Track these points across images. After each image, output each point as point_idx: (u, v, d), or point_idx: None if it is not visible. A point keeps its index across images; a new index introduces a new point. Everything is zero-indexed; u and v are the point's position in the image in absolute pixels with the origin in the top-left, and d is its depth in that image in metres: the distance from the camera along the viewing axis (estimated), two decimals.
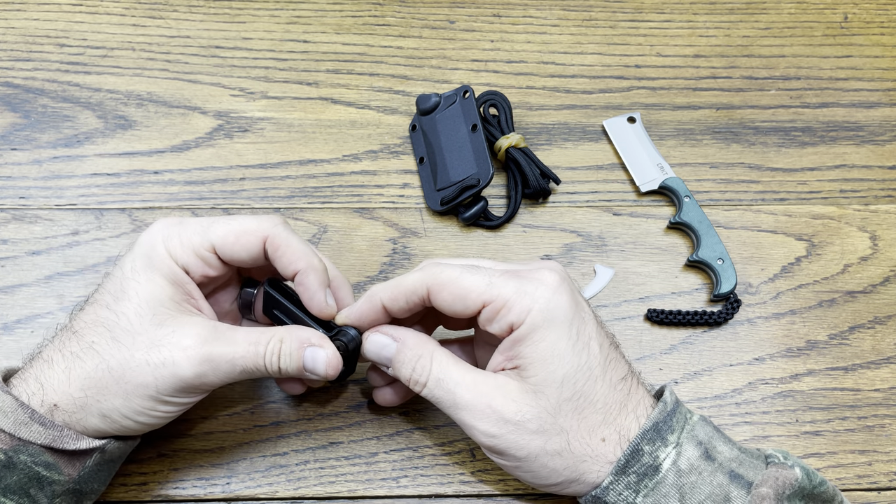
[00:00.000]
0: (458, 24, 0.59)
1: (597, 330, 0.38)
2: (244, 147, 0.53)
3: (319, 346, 0.38)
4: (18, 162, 0.52)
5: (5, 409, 0.35)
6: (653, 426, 0.37)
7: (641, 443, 0.36)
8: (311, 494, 0.43)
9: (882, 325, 0.49)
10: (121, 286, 0.38)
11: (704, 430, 0.38)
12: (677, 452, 0.36)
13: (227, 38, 0.57)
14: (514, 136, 0.51)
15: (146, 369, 0.36)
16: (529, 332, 0.37)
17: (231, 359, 0.37)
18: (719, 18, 0.60)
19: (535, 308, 0.37)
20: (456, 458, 0.44)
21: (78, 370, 0.36)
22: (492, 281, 0.37)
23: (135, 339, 0.36)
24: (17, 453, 0.35)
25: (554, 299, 0.37)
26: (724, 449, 0.37)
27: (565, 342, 0.37)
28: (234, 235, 0.38)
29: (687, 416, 0.38)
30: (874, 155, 0.55)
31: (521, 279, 0.38)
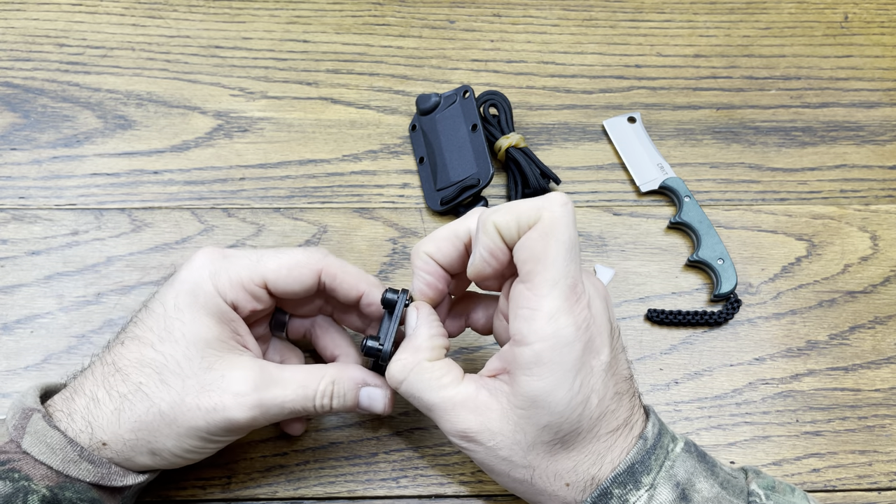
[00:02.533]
0: (458, 23, 0.59)
1: (602, 382, 0.35)
2: (244, 147, 0.53)
3: (376, 386, 0.39)
4: (18, 162, 0.52)
5: (54, 446, 0.35)
6: (627, 469, 0.35)
7: (612, 486, 0.35)
8: (311, 494, 0.43)
9: (882, 325, 0.49)
10: (165, 325, 0.37)
11: (685, 465, 0.35)
12: (649, 496, 0.34)
13: (226, 38, 0.57)
14: (514, 136, 0.51)
15: (198, 413, 0.36)
16: (531, 364, 0.34)
17: (282, 403, 0.37)
18: (719, 18, 0.60)
19: (550, 343, 0.33)
20: (456, 458, 0.44)
21: (128, 412, 0.36)
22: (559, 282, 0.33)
23: (184, 382, 0.36)
24: (63, 490, 0.35)
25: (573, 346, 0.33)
26: (703, 486, 0.35)
27: (563, 393, 0.34)
28: (287, 269, 0.38)
29: (669, 448, 0.36)
30: (874, 155, 0.55)
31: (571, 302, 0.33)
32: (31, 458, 0.34)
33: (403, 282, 0.49)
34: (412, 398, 0.37)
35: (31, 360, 0.46)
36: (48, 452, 0.34)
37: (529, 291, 0.34)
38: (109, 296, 0.48)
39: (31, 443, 0.35)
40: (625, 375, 0.37)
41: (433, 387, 0.36)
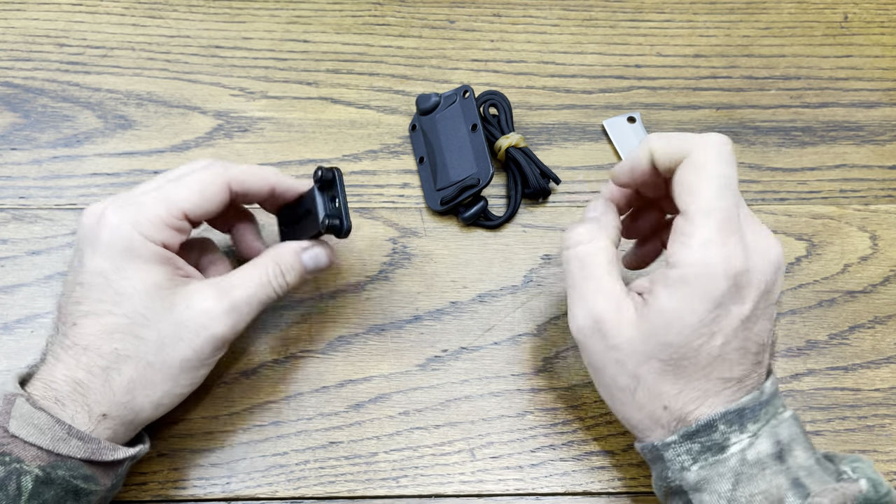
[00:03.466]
0: (458, 23, 0.59)
1: (734, 329, 0.36)
2: (244, 147, 0.53)
3: (312, 247, 0.42)
4: (18, 162, 0.52)
5: (41, 426, 0.35)
6: (737, 410, 0.36)
7: (719, 421, 0.36)
8: (311, 494, 0.43)
9: (882, 324, 0.49)
10: (114, 289, 0.37)
11: (789, 430, 0.36)
12: (750, 442, 0.35)
13: (226, 38, 0.57)
14: (514, 136, 0.51)
15: (182, 345, 0.38)
16: (676, 282, 0.35)
17: (247, 299, 0.39)
18: (719, 18, 0.60)
19: (696, 268, 0.35)
20: (456, 458, 0.44)
21: (117, 378, 0.37)
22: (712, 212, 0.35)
23: (158, 328, 0.37)
24: (55, 469, 0.35)
25: (719, 279, 0.35)
26: (800, 454, 0.36)
27: (695, 320, 0.35)
28: (199, 193, 0.39)
29: (779, 410, 0.37)
30: (874, 155, 0.55)
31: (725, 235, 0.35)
32: (20, 441, 0.35)
33: (404, 282, 0.49)
34: (573, 264, 0.39)
35: (31, 359, 0.45)
36: (37, 433, 0.35)
37: (684, 220, 0.36)
38: None
39: (19, 426, 0.35)
40: (760, 340, 0.37)
41: (599, 263, 0.38)
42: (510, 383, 0.46)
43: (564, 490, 0.44)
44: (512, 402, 0.46)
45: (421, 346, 0.47)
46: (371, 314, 0.48)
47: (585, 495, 0.44)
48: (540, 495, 0.44)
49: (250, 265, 0.41)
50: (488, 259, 0.50)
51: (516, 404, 0.46)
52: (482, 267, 0.50)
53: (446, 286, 0.49)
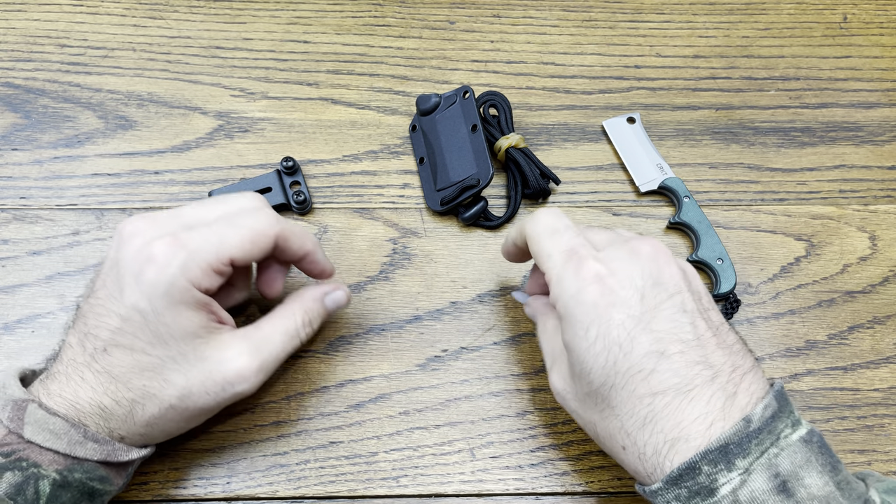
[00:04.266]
0: (458, 24, 0.59)
1: (627, 337, 0.34)
2: (244, 147, 0.53)
3: (333, 290, 0.44)
4: (19, 162, 0.52)
5: (57, 431, 0.35)
6: (720, 447, 0.33)
7: (701, 461, 0.33)
8: (311, 494, 0.43)
9: (881, 324, 0.49)
10: (151, 330, 0.36)
11: (794, 457, 0.33)
12: (741, 480, 0.32)
13: (227, 39, 0.57)
14: (513, 137, 0.51)
15: (207, 398, 0.38)
16: (562, 320, 0.37)
17: (276, 356, 0.40)
18: (719, 19, 0.60)
19: (561, 300, 0.37)
20: (456, 458, 0.44)
21: (140, 413, 0.38)
22: (552, 254, 0.38)
23: (186, 375, 0.38)
24: (72, 472, 0.36)
25: (578, 295, 0.36)
26: (814, 482, 0.32)
27: (581, 342, 0.36)
28: (251, 243, 0.38)
29: (781, 435, 0.33)
30: (873, 155, 0.55)
31: (572, 262, 0.37)
32: (35, 447, 0.35)
33: (404, 282, 0.49)
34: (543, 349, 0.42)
35: (31, 359, 0.46)
36: (53, 438, 0.35)
37: (545, 274, 0.39)
38: None
39: (34, 431, 0.35)
40: (678, 337, 0.35)
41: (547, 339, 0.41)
42: (510, 383, 0.47)
43: (564, 490, 0.44)
44: (512, 402, 0.46)
45: (421, 346, 0.47)
46: (371, 314, 0.48)
47: (585, 495, 0.44)
48: (540, 495, 0.44)
49: (279, 315, 0.41)
50: (488, 259, 0.50)
51: (516, 404, 0.46)
52: (482, 267, 0.50)
53: (446, 286, 0.49)
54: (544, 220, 0.40)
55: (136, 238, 0.37)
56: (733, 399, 0.34)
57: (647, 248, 0.37)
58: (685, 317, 0.35)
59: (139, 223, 0.38)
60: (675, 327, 0.35)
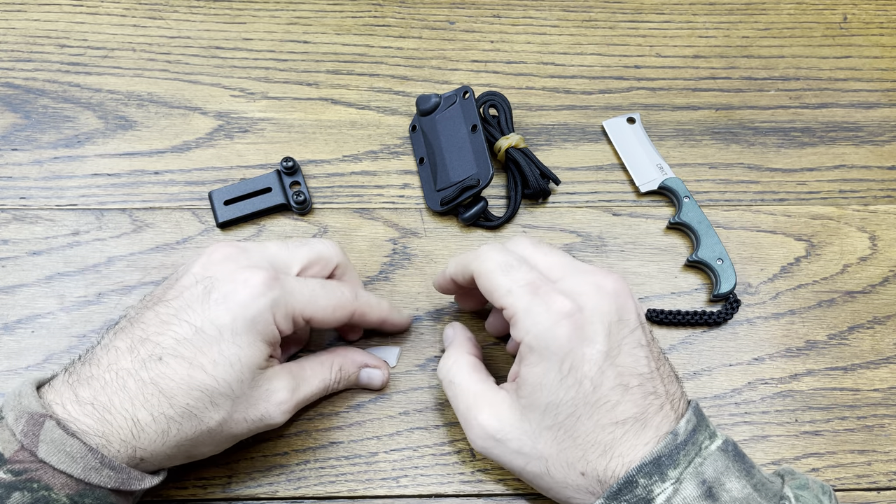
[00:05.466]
0: (457, 24, 0.59)
1: (598, 370, 0.36)
2: (244, 147, 0.53)
3: (374, 367, 0.45)
4: (19, 162, 0.52)
5: (74, 455, 0.34)
6: (653, 460, 0.35)
7: (637, 475, 0.35)
8: (311, 494, 0.43)
9: (881, 325, 0.49)
10: (219, 349, 0.37)
11: (716, 465, 0.36)
12: (674, 489, 0.35)
13: (227, 39, 0.57)
14: (513, 137, 0.51)
15: (243, 425, 0.39)
16: (526, 354, 0.37)
17: (309, 398, 0.42)
18: (718, 19, 0.60)
19: (532, 333, 0.37)
20: (456, 458, 0.44)
21: (175, 433, 0.36)
22: (512, 289, 0.38)
23: (234, 402, 0.38)
24: (83, 497, 0.34)
25: (552, 329, 0.36)
26: (734, 486, 0.35)
27: (553, 375, 0.37)
28: (332, 310, 0.41)
29: (703, 446, 0.36)
30: (873, 155, 0.55)
31: (539, 296, 0.37)
32: (49, 468, 0.33)
33: (404, 282, 0.49)
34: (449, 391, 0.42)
35: (31, 360, 0.46)
36: (68, 461, 0.34)
37: (504, 310, 0.39)
38: (110, 296, 0.48)
39: (49, 452, 0.34)
40: (637, 371, 0.37)
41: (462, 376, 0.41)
42: None
43: None
44: None
45: (421, 346, 0.47)
46: None
47: None
48: (538, 495, 0.44)
49: (320, 362, 0.43)
50: None
51: None
52: None
53: None
54: (493, 257, 0.39)
55: (230, 262, 0.39)
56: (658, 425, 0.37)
57: (611, 285, 0.38)
58: (642, 351, 0.38)
59: (231, 249, 0.39)
60: (634, 362, 0.37)
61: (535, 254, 0.40)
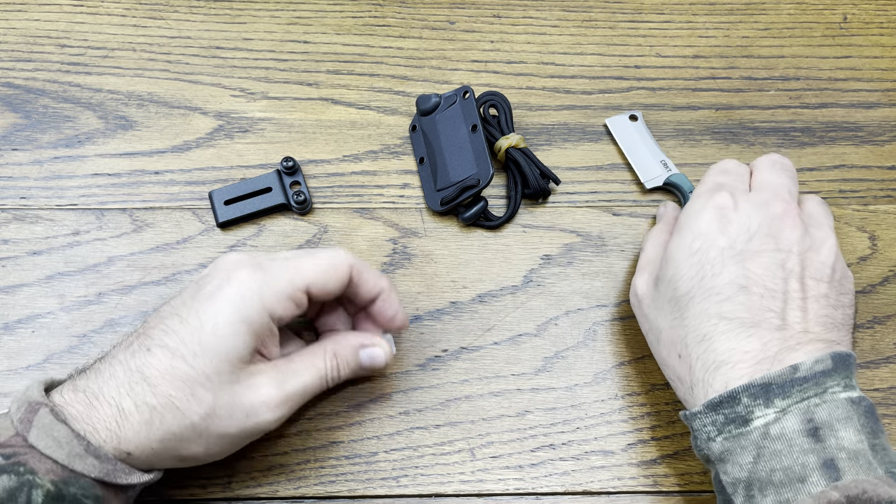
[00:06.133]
0: (458, 24, 0.59)
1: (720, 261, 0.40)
2: (245, 147, 0.53)
3: (372, 346, 0.43)
4: (19, 162, 0.52)
5: (60, 440, 0.34)
6: (762, 384, 0.36)
7: (742, 393, 0.36)
8: (311, 494, 0.43)
9: (881, 324, 0.49)
10: (200, 340, 0.37)
11: (835, 411, 0.35)
12: (776, 417, 0.35)
13: (227, 39, 0.57)
14: (513, 137, 0.52)
15: (229, 423, 0.37)
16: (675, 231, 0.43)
17: (301, 391, 0.40)
18: (719, 19, 0.60)
19: (684, 212, 0.43)
20: (456, 458, 0.44)
21: (158, 424, 0.36)
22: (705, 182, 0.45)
23: (214, 395, 0.37)
24: (68, 485, 0.34)
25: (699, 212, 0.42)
26: (847, 436, 0.34)
27: (684, 250, 0.41)
28: (325, 271, 0.39)
29: (829, 389, 0.35)
30: (873, 155, 0.55)
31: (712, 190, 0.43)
32: (37, 452, 0.34)
33: (404, 282, 0.49)
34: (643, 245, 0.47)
35: (32, 359, 0.46)
36: (54, 446, 0.34)
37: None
38: (111, 296, 0.48)
39: (38, 436, 0.34)
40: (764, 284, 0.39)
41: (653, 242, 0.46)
42: (510, 383, 0.47)
43: (564, 490, 0.44)
44: (512, 402, 0.46)
45: (421, 346, 0.47)
46: None
47: (585, 495, 0.44)
48: (540, 495, 0.44)
49: (311, 352, 0.41)
50: (488, 259, 0.50)
51: (516, 404, 0.46)
52: (482, 267, 0.50)
53: (446, 286, 0.49)
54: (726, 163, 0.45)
55: (228, 263, 0.39)
56: (790, 352, 0.37)
57: (779, 209, 0.41)
58: (780, 272, 0.39)
59: (236, 255, 0.40)
60: (766, 274, 0.39)
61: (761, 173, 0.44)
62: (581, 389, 0.46)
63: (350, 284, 0.41)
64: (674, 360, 0.40)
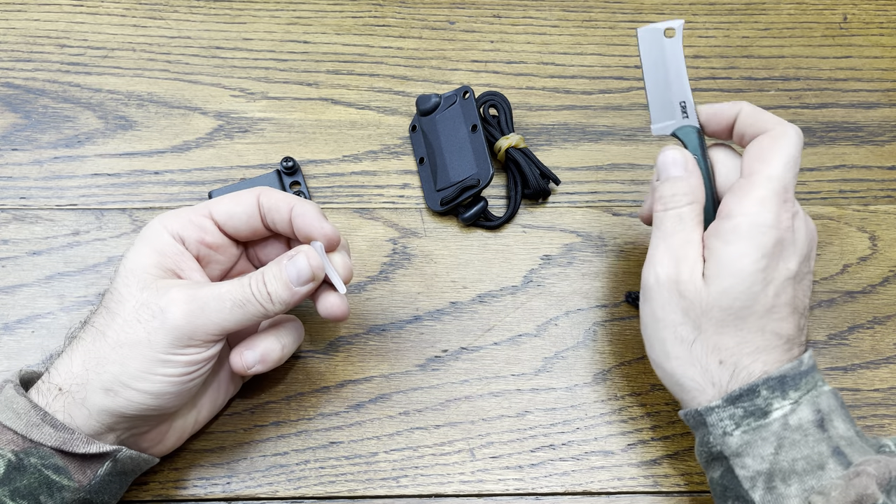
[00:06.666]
0: (458, 24, 0.59)
1: (784, 282, 0.38)
2: (244, 147, 0.53)
3: (295, 255, 0.39)
4: (19, 162, 0.52)
5: (18, 410, 0.36)
6: (779, 377, 0.37)
7: (761, 386, 0.37)
8: (311, 494, 0.43)
9: (881, 325, 0.49)
10: (117, 270, 0.39)
11: (829, 402, 0.37)
12: (792, 408, 0.37)
13: (227, 39, 0.57)
14: (513, 137, 0.51)
15: (137, 327, 0.37)
16: (730, 232, 0.38)
17: (217, 295, 0.38)
18: (719, 19, 0.60)
19: (751, 219, 0.38)
20: (456, 458, 0.44)
21: (78, 348, 0.38)
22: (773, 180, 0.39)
23: (124, 306, 0.38)
24: (28, 456, 0.35)
25: (768, 231, 0.38)
26: (840, 425, 0.37)
27: (749, 262, 0.38)
28: (230, 198, 0.41)
29: (818, 383, 0.38)
30: (873, 155, 0.55)
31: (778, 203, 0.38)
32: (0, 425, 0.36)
33: (404, 282, 0.49)
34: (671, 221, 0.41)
35: (31, 359, 0.46)
36: (14, 417, 0.36)
37: (747, 181, 0.39)
38: None
39: (0, 409, 0.36)
40: (803, 303, 0.40)
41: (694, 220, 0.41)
42: (510, 383, 0.47)
43: (564, 490, 0.44)
44: (512, 402, 0.46)
45: (421, 346, 0.47)
46: (371, 314, 0.48)
47: (585, 495, 0.44)
48: (540, 495, 0.44)
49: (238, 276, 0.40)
50: (488, 259, 0.50)
51: (516, 404, 0.46)
52: (482, 267, 0.50)
53: (446, 286, 0.49)
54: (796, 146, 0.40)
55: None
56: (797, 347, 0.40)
57: (813, 226, 0.41)
58: (810, 291, 0.41)
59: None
60: (804, 295, 0.40)
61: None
62: (581, 389, 0.46)
63: (264, 211, 0.41)
64: (711, 363, 0.39)
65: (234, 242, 0.42)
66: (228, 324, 0.38)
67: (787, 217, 0.39)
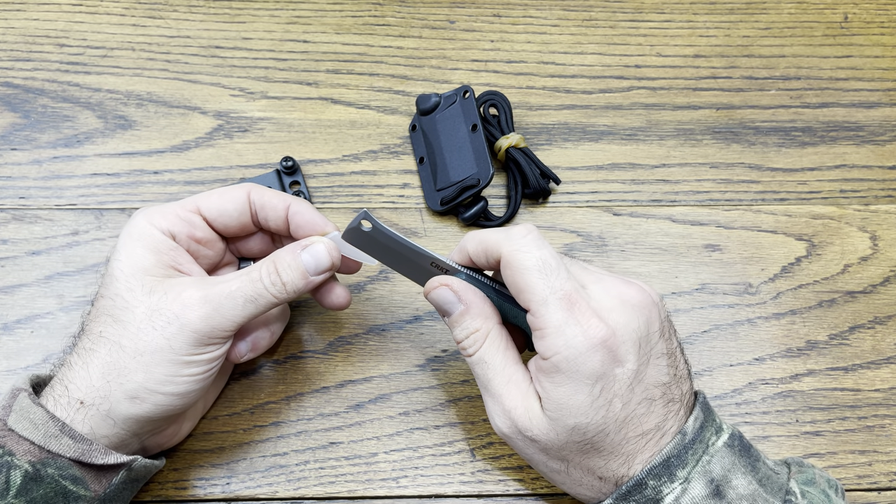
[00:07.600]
0: (458, 24, 0.59)
1: (627, 388, 0.36)
2: (244, 147, 0.53)
3: (311, 244, 0.39)
4: (18, 162, 0.52)
5: (36, 421, 0.35)
6: (662, 462, 0.36)
7: (647, 477, 0.36)
8: (311, 494, 0.43)
9: (882, 325, 0.49)
10: (108, 271, 0.39)
11: (723, 462, 0.36)
12: (683, 489, 0.36)
13: (226, 39, 0.57)
14: (514, 136, 0.51)
15: (154, 334, 0.37)
16: (551, 371, 0.36)
17: (230, 292, 0.38)
18: (719, 18, 0.60)
19: (562, 355, 0.35)
20: (456, 458, 0.44)
21: (94, 361, 0.37)
22: (548, 300, 0.36)
23: (133, 313, 0.37)
24: (45, 466, 0.35)
25: (586, 355, 0.35)
26: (740, 483, 0.36)
27: (583, 397, 0.36)
28: (218, 194, 0.41)
29: (710, 443, 0.37)
30: (874, 155, 0.55)
31: (574, 314, 0.36)
32: (15, 435, 0.35)
33: (404, 282, 0.49)
34: (478, 368, 0.39)
35: (31, 359, 0.46)
36: (31, 428, 0.35)
37: (532, 316, 0.37)
38: None
39: (16, 419, 0.35)
40: (660, 381, 0.37)
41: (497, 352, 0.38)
42: None
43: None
44: None
45: (421, 346, 0.47)
46: (371, 314, 0.48)
47: None
48: (540, 495, 0.44)
49: (247, 268, 0.40)
50: None
51: None
52: None
53: None
54: (534, 253, 0.36)
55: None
56: (673, 417, 0.38)
57: (638, 297, 0.37)
58: (664, 360, 0.38)
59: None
60: (658, 373, 0.37)
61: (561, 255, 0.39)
62: None
63: (256, 209, 0.41)
64: (592, 481, 0.38)
65: (220, 237, 0.42)
66: (242, 319, 0.38)
67: (593, 323, 0.35)
